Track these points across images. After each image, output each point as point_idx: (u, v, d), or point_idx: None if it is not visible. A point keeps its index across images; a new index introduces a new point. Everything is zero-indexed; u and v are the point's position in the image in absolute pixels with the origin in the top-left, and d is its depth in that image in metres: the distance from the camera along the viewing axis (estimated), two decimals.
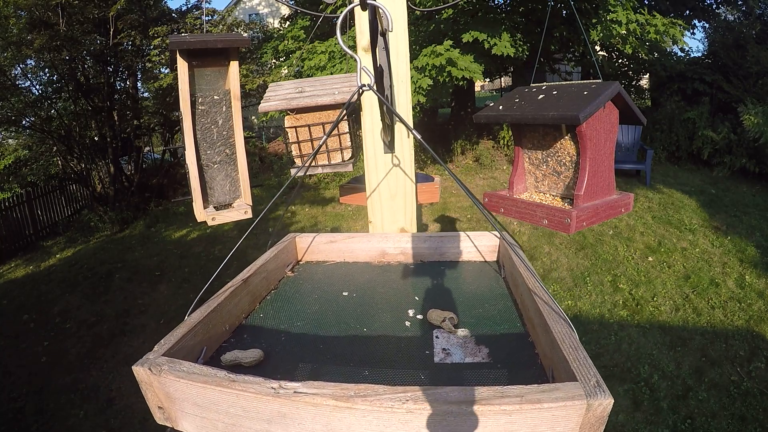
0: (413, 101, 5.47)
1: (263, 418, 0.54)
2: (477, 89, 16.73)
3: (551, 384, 0.51)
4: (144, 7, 8.09)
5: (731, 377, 3.04)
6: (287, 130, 1.34)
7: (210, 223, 1.34)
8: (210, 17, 7.98)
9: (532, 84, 1.54)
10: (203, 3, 11.46)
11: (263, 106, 1.32)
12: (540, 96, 1.43)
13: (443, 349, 0.76)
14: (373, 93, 0.83)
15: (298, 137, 1.33)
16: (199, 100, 1.33)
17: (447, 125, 9.83)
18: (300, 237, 1.22)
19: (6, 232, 6.70)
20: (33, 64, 8.08)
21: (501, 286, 1.00)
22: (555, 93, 1.40)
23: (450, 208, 6.39)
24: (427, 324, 0.85)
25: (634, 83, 9.65)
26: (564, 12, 7.16)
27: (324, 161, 1.35)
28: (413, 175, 1.35)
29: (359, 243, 1.21)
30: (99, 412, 3.27)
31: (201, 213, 1.33)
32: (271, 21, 14.28)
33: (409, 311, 0.90)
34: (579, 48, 8.11)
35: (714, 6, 9.66)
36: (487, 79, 12.07)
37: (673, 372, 3.12)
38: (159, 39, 6.82)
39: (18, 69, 7.88)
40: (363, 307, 0.93)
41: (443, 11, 6.66)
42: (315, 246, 1.22)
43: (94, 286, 5.26)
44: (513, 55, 6.37)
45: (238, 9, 15.97)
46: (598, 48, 8.58)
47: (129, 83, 9.17)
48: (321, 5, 6.65)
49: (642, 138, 7.62)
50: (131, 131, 8.91)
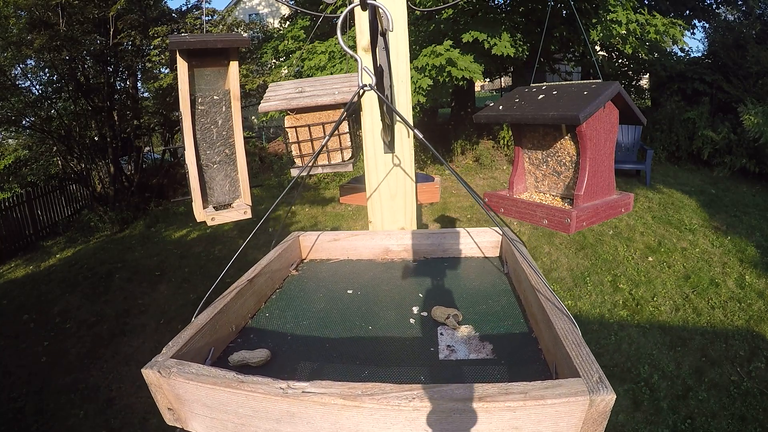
0: (413, 101, 5.47)
1: (272, 417, 0.55)
2: (477, 89, 16.73)
3: (554, 380, 0.52)
4: (144, 7, 8.08)
5: (731, 377, 3.05)
6: (287, 130, 1.34)
7: (209, 223, 1.34)
8: (210, 17, 7.98)
9: (532, 84, 1.54)
10: (203, 3, 11.45)
11: (263, 106, 1.32)
12: (540, 96, 1.43)
13: (448, 346, 0.76)
14: (374, 93, 0.83)
15: (298, 137, 1.33)
16: (199, 100, 1.33)
17: (447, 125, 9.83)
18: (304, 235, 1.23)
19: (6, 232, 6.69)
20: (33, 64, 8.09)
21: (504, 282, 1.00)
22: (555, 93, 1.40)
23: (450, 208, 6.39)
24: (432, 321, 0.85)
25: (634, 83, 9.65)
26: (564, 12, 7.16)
27: (324, 161, 1.35)
28: (413, 175, 1.35)
29: (363, 240, 1.21)
30: (99, 412, 3.27)
31: (200, 213, 1.33)
32: (271, 21, 14.27)
33: (414, 308, 0.90)
34: (579, 48, 8.11)
35: (714, 6, 9.66)
36: (487, 79, 12.07)
37: (673, 372, 3.12)
38: (159, 39, 6.82)
39: (18, 69, 7.89)
40: (368, 305, 0.93)
41: (443, 11, 6.66)
42: (319, 244, 1.23)
43: (94, 286, 5.26)
44: (513, 55, 6.37)
45: (238, 9, 15.97)
46: (598, 48, 8.57)
47: (129, 83, 9.17)
48: (321, 5, 6.65)
49: (642, 138, 7.62)
50: (131, 131, 8.91)
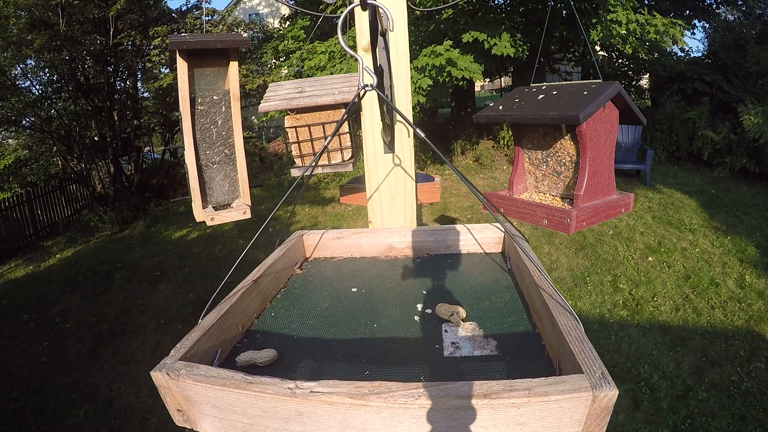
0: (413, 101, 5.47)
1: (281, 417, 0.55)
2: (477, 89, 16.73)
3: (558, 377, 0.52)
4: (144, 7, 8.09)
5: (731, 377, 3.05)
6: (287, 130, 1.34)
7: (209, 223, 1.34)
8: (210, 17, 7.98)
9: (532, 84, 1.54)
10: (203, 3, 11.45)
11: (263, 106, 1.32)
12: (540, 96, 1.43)
13: (452, 343, 0.76)
14: (374, 93, 0.83)
15: (298, 137, 1.33)
16: (199, 100, 1.33)
17: (447, 125, 9.83)
18: (308, 234, 1.23)
19: (6, 232, 6.69)
20: (33, 64, 8.09)
21: (507, 278, 1.00)
22: (555, 93, 1.40)
23: (450, 208, 6.39)
24: (436, 318, 0.85)
25: (634, 83, 9.65)
26: (564, 12, 7.16)
27: (324, 161, 1.35)
28: (413, 175, 1.35)
29: (366, 238, 1.22)
30: (99, 412, 3.27)
31: (200, 213, 1.33)
32: (271, 21, 14.27)
33: (418, 305, 0.91)
34: (579, 48, 8.11)
35: (714, 6, 9.66)
36: (487, 79, 12.07)
37: (673, 372, 3.12)
38: (159, 39, 6.83)
39: (18, 69, 7.89)
40: (372, 303, 0.93)
41: (443, 11, 6.66)
42: (323, 243, 1.23)
43: (94, 286, 5.26)
44: (513, 55, 6.37)
45: (238, 9, 15.98)
46: (598, 48, 8.57)
47: (129, 83, 9.17)
48: (321, 5, 6.65)
49: (642, 138, 7.62)
50: (131, 131, 8.91)
